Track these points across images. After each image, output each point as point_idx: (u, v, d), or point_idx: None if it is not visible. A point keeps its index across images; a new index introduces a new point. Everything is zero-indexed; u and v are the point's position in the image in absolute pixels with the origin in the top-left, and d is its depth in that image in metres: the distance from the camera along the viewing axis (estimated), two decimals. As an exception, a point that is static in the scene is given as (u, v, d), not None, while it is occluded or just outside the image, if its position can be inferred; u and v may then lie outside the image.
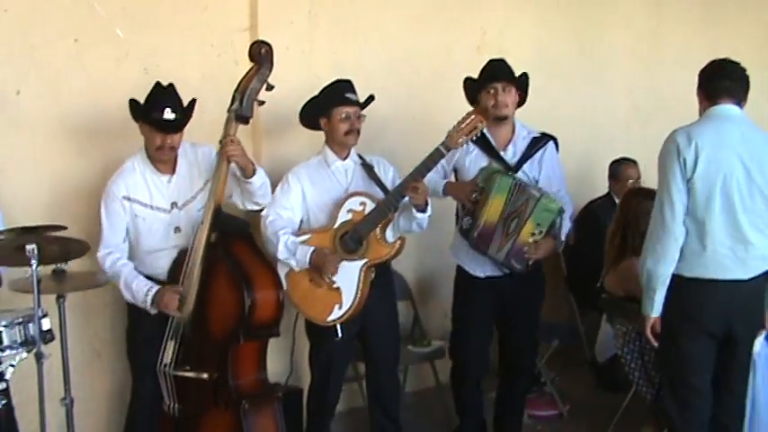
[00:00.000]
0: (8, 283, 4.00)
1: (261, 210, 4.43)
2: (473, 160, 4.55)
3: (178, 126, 4.15)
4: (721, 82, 3.94)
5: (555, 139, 4.66)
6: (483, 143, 4.51)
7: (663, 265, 3.84)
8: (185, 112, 4.17)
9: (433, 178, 4.54)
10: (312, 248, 4.30)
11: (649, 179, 5.13)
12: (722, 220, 3.78)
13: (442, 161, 4.40)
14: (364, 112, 4.53)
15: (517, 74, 4.55)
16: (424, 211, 4.32)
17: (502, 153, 4.51)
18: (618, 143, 6.75)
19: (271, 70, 4.09)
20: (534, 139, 4.55)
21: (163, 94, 4.14)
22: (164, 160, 4.23)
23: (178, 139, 4.19)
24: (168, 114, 4.09)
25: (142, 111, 4.13)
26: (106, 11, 4.60)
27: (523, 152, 4.51)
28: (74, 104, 4.56)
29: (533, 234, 4.28)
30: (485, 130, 4.38)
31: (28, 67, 4.43)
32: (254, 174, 4.17)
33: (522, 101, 4.58)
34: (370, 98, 4.53)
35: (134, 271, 4.19)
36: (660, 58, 7.21)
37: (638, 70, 7.13)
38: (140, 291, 4.12)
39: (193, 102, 4.22)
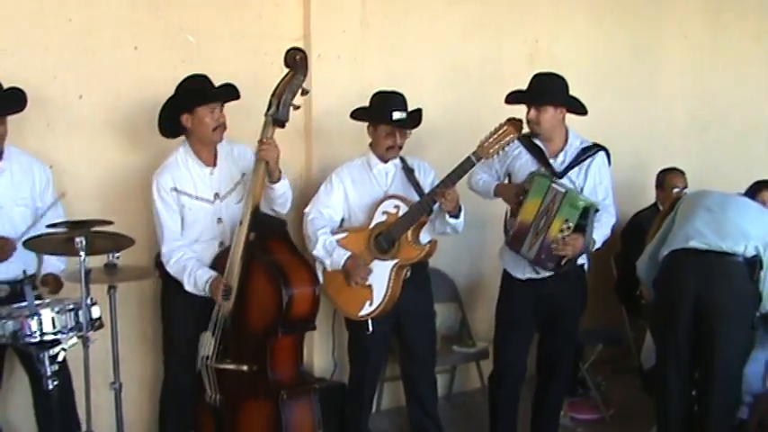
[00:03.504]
0: (65, 274, 4.24)
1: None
2: (523, 165, 4.61)
3: (230, 93, 4.38)
4: None
5: (607, 151, 4.64)
6: (534, 150, 4.58)
7: None
8: None
9: (486, 180, 4.68)
10: (348, 254, 4.50)
11: (703, 187, 5.17)
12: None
13: (496, 164, 4.57)
14: (412, 123, 4.66)
15: (571, 85, 4.54)
16: (456, 216, 4.45)
17: (551, 161, 4.55)
18: (675, 152, 6.70)
19: (305, 76, 4.22)
20: (584, 148, 4.57)
21: (199, 80, 4.38)
22: (219, 141, 4.40)
23: (224, 115, 4.38)
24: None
25: (195, 93, 4.33)
26: (163, 20, 4.83)
27: (571, 161, 4.54)
28: (132, 109, 4.78)
29: (562, 230, 4.29)
30: (537, 140, 4.51)
31: (89, 72, 4.66)
32: (278, 181, 4.34)
33: (574, 111, 4.55)
34: (418, 119, 4.65)
35: (198, 262, 4.38)
36: (718, 67, 7.15)
37: (695, 80, 7.07)
38: (202, 279, 4.31)
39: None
